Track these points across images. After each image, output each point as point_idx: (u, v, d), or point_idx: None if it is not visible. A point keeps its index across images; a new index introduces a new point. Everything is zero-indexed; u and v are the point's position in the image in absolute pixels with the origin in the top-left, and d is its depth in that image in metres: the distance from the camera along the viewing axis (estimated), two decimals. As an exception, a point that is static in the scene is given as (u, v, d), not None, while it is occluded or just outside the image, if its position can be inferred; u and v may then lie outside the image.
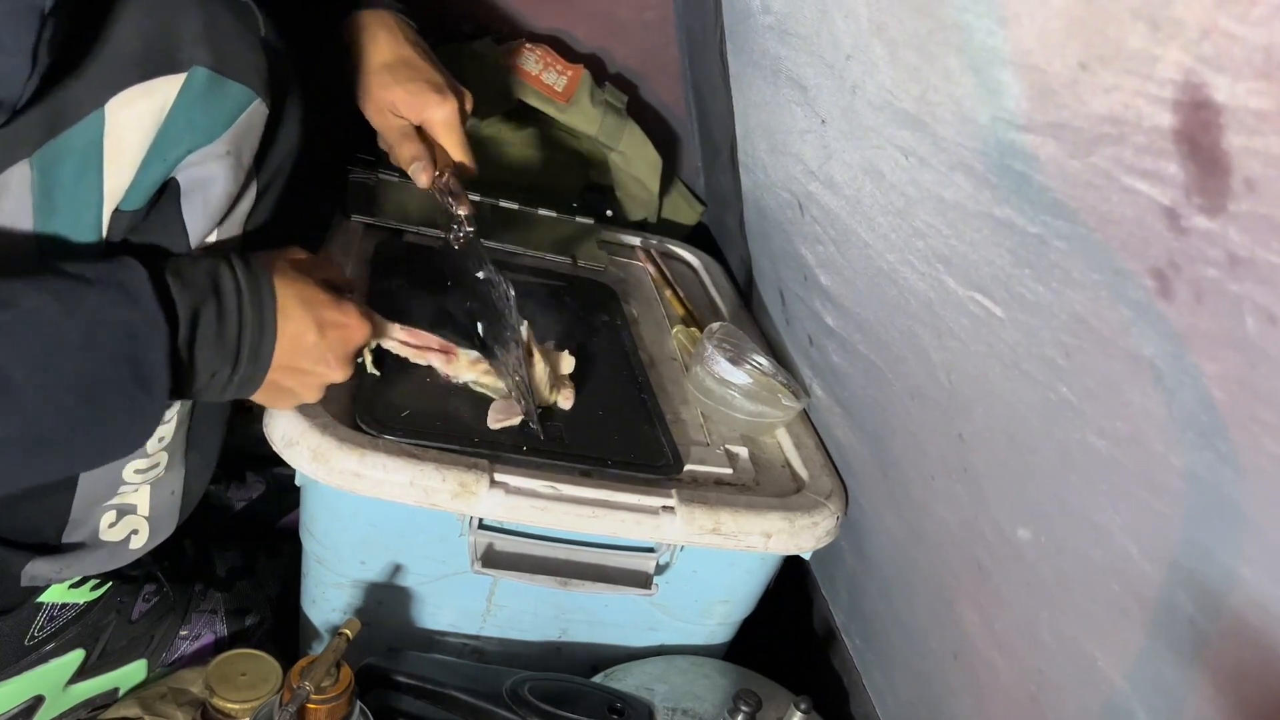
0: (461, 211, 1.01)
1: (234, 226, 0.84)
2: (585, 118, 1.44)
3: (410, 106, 1.02)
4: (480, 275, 1.01)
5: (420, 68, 1.04)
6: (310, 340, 0.83)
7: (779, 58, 0.95)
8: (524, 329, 0.99)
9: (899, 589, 1.00)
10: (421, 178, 1.02)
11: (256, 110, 0.78)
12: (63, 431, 0.72)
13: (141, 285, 0.72)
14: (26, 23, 0.61)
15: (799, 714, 0.88)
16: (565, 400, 1.02)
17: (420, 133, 1.04)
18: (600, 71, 1.52)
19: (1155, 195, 0.46)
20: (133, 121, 0.73)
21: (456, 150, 1.04)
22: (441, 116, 1.02)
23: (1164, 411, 0.53)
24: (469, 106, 1.07)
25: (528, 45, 1.44)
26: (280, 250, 0.87)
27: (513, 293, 0.99)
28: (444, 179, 1.02)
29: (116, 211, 0.76)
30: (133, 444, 0.78)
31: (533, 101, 1.43)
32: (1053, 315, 0.60)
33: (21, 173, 0.71)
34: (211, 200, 0.80)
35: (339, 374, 0.86)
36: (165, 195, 0.78)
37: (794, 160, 1.01)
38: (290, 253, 0.87)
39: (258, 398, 0.84)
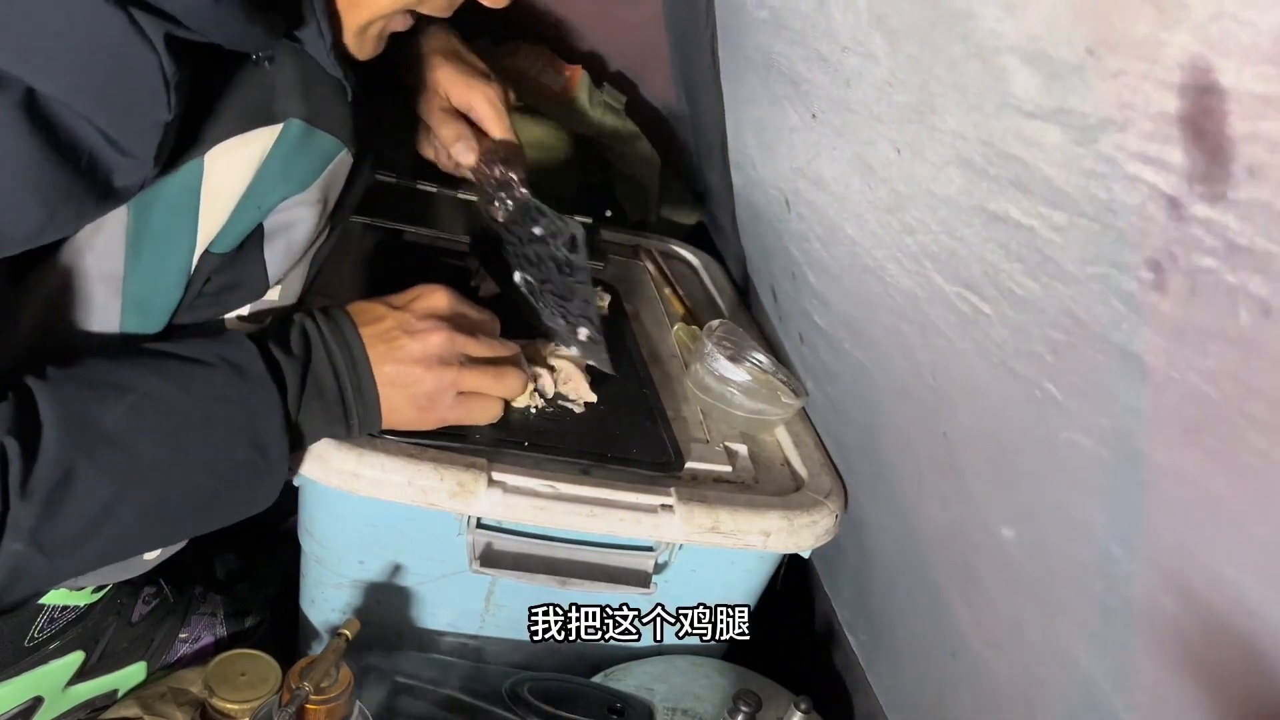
0: (514, 175, 1.02)
1: (305, 262, 0.89)
2: (584, 118, 1.44)
3: (456, 89, 1.04)
4: (538, 231, 1.01)
5: (467, 58, 1.06)
6: (405, 346, 0.86)
7: (771, 52, 0.94)
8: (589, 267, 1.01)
9: (899, 586, 0.99)
10: (468, 156, 1.03)
11: (343, 160, 0.83)
12: (191, 500, 0.78)
13: (252, 361, 0.79)
14: (152, 134, 0.66)
15: (799, 714, 0.88)
16: (589, 394, 1.03)
17: (465, 119, 1.05)
18: (598, 72, 1.52)
19: (1158, 183, 0.46)
20: (230, 170, 0.77)
21: (501, 131, 1.05)
22: (484, 98, 1.03)
23: (1151, 408, 0.53)
24: (512, 97, 1.08)
25: (526, 45, 1.44)
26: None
27: (582, 232, 0.99)
28: (491, 149, 1.03)
29: (206, 253, 0.80)
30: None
31: (531, 102, 1.43)
32: (1042, 311, 0.60)
33: (118, 213, 0.76)
34: (294, 242, 0.85)
35: (449, 368, 0.88)
36: (250, 238, 0.82)
37: (783, 157, 1.01)
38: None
39: (409, 424, 0.89)
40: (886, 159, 0.75)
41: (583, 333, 1.02)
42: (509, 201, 1.02)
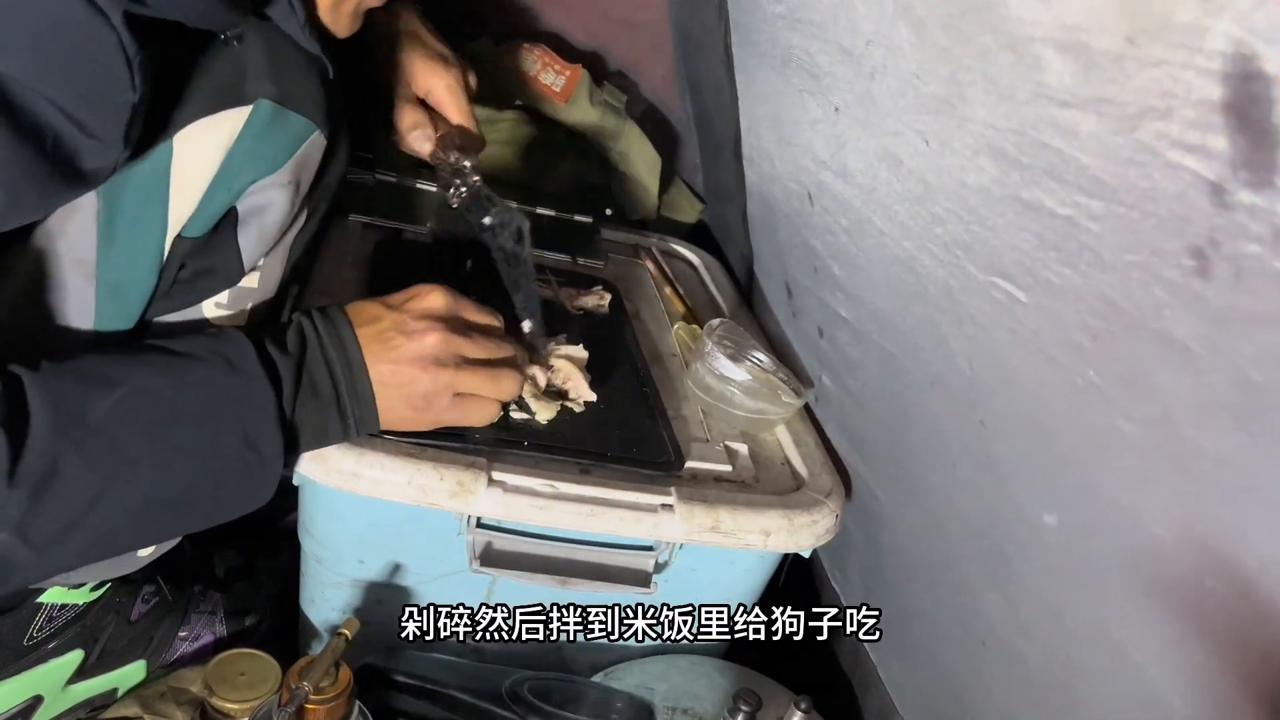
0: (467, 162, 1.01)
1: (283, 248, 0.88)
2: (584, 117, 1.44)
3: (417, 75, 1.03)
4: (487, 221, 1.00)
5: (429, 41, 1.05)
6: (401, 346, 0.85)
7: (790, 47, 0.94)
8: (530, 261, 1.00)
9: (918, 579, 0.99)
10: (424, 145, 1.03)
11: (315, 141, 0.82)
12: (181, 496, 0.77)
13: (246, 357, 0.77)
14: (119, 116, 0.66)
15: (799, 713, 0.87)
16: (589, 393, 1.03)
17: (426, 106, 1.05)
18: (599, 71, 1.52)
19: (1200, 170, 0.46)
20: (199, 152, 0.76)
21: (459, 117, 1.05)
22: (443, 85, 1.03)
23: (1195, 394, 0.53)
24: (472, 80, 1.07)
25: (526, 45, 1.44)
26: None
27: (527, 225, 0.99)
28: (447, 135, 1.02)
29: (178, 238, 0.79)
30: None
31: (531, 101, 1.42)
32: (1080, 299, 0.60)
33: (89, 199, 0.75)
34: (267, 226, 0.84)
35: (445, 369, 0.86)
36: (223, 222, 0.81)
37: (803, 151, 1.01)
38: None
39: (405, 425, 0.88)
40: (914, 150, 0.75)
41: (526, 326, 1.01)
42: (463, 189, 1.01)
